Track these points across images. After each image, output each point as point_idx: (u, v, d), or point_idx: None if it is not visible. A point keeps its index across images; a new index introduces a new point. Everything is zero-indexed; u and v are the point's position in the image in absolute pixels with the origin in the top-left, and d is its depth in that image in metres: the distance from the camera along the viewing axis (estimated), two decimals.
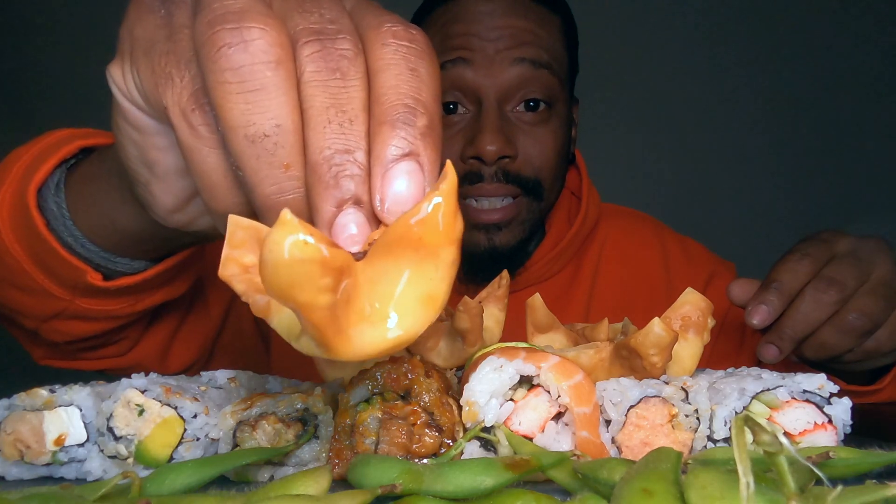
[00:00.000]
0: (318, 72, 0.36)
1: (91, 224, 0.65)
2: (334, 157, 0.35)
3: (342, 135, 0.36)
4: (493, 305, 0.76)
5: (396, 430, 0.59)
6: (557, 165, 1.12)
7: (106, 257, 0.68)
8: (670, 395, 0.58)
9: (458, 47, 1.07)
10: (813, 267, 0.77)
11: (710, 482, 0.36)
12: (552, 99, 1.09)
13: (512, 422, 0.58)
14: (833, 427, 0.57)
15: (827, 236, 0.81)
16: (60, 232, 0.66)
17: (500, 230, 1.08)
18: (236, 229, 0.36)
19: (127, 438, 0.60)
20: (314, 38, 0.37)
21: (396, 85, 0.36)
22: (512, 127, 1.07)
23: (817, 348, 0.77)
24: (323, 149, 0.36)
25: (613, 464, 0.46)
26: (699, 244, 1.29)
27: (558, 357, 0.59)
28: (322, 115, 0.36)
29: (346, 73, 0.36)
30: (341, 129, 0.36)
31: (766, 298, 0.75)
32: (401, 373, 0.59)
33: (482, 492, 0.46)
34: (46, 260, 0.67)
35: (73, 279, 0.68)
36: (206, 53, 0.36)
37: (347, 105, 0.36)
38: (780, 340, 0.76)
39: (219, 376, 0.69)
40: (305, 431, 0.59)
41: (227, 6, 0.36)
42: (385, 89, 0.36)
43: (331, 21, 0.38)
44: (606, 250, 1.23)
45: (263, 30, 0.36)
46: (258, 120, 0.35)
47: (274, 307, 0.37)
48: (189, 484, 0.50)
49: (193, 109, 0.38)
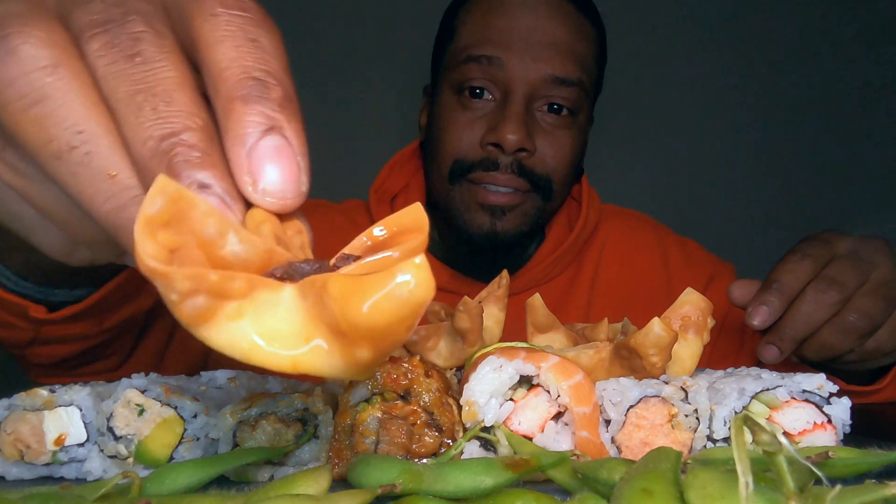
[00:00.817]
0: (113, 63, 0.31)
1: (16, 264, 0.64)
2: (159, 145, 0.30)
3: (159, 119, 0.30)
4: (493, 305, 0.76)
5: (396, 429, 0.59)
6: (569, 172, 1.13)
7: (43, 291, 0.67)
8: (670, 395, 0.58)
9: (496, 43, 1.07)
10: (813, 267, 0.76)
11: (709, 482, 0.36)
12: (576, 108, 1.10)
13: (512, 422, 0.58)
14: (832, 427, 0.57)
15: (827, 236, 0.81)
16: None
17: (504, 215, 1.08)
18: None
19: (127, 438, 0.60)
20: (99, 29, 0.31)
21: (238, 57, 0.31)
22: (534, 123, 1.08)
23: (818, 349, 0.77)
24: (144, 140, 0.30)
25: (613, 464, 0.46)
26: (699, 245, 1.29)
27: (558, 357, 0.59)
28: (130, 104, 0.30)
29: (146, 54, 0.31)
30: (156, 114, 0.30)
31: (767, 299, 0.75)
32: (400, 373, 0.60)
33: (482, 492, 0.46)
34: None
35: (22, 314, 0.68)
36: None
37: (157, 86, 0.31)
38: (780, 341, 0.76)
39: (219, 376, 0.69)
40: (305, 431, 0.59)
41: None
42: (226, 63, 0.31)
43: (115, 4, 0.32)
44: (606, 252, 1.23)
45: (26, 33, 0.31)
46: (55, 133, 0.30)
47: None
48: (189, 484, 0.50)
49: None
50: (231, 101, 0.31)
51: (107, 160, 0.31)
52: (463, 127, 1.09)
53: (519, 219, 1.09)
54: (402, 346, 0.74)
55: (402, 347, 0.74)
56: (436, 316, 0.82)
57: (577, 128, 1.12)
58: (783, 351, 0.76)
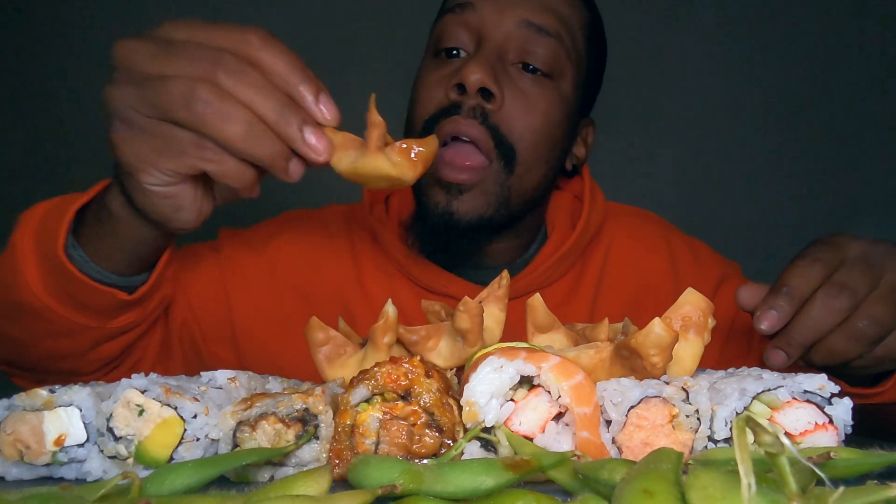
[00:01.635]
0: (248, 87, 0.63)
1: (107, 259, 0.82)
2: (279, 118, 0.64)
3: (282, 107, 0.64)
4: (494, 305, 0.76)
5: (397, 430, 0.58)
6: (539, 144, 1.03)
7: (122, 280, 0.84)
8: (671, 396, 0.58)
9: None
10: (824, 272, 0.75)
11: (710, 483, 0.35)
12: (554, 71, 1.03)
13: (512, 422, 0.58)
14: (834, 427, 0.57)
15: (838, 240, 0.79)
16: (88, 273, 0.81)
17: (461, 193, 0.99)
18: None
19: (127, 439, 0.60)
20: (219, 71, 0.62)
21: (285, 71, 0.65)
22: (506, 76, 1.01)
23: (826, 355, 0.76)
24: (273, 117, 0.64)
25: (614, 464, 0.46)
26: (706, 245, 1.26)
27: (559, 357, 0.59)
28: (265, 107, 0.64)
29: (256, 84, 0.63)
30: (281, 107, 0.64)
31: (776, 303, 0.74)
32: (401, 373, 0.59)
33: (482, 492, 0.46)
34: (81, 298, 0.82)
35: (105, 304, 0.84)
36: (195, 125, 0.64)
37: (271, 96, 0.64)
38: (788, 346, 0.74)
39: (219, 376, 0.69)
40: (305, 432, 0.58)
41: (176, 88, 0.62)
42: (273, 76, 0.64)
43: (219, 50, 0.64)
44: (612, 254, 1.19)
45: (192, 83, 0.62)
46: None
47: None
48: (189, 484, 0.50)
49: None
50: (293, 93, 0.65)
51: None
52: (433, 84, 1.03)
53: (478, 198, 1.00)
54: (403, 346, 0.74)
55: (403, 348, 0.74)
56: (436, 316, 0.82)
57: (557, 96, 1.04)
58: (791, 356, 0.75)
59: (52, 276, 0.81)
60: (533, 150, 1.03)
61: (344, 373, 0.72)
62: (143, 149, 0.65)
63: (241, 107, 0.62)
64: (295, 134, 0.63)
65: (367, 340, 0.74)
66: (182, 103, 0.61)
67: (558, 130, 1.07)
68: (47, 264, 0.80)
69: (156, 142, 0.65)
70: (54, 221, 0.80)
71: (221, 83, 0.61)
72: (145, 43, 0.65)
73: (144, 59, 0.64)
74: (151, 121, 0.64)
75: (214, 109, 0.61)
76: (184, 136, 0.64)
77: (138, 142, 0.66)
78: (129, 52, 0.65)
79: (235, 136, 0.62)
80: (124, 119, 0.65)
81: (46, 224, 0.81)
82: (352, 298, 1.14)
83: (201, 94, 0.61)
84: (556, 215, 1.21)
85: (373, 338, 0.72)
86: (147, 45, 0.64)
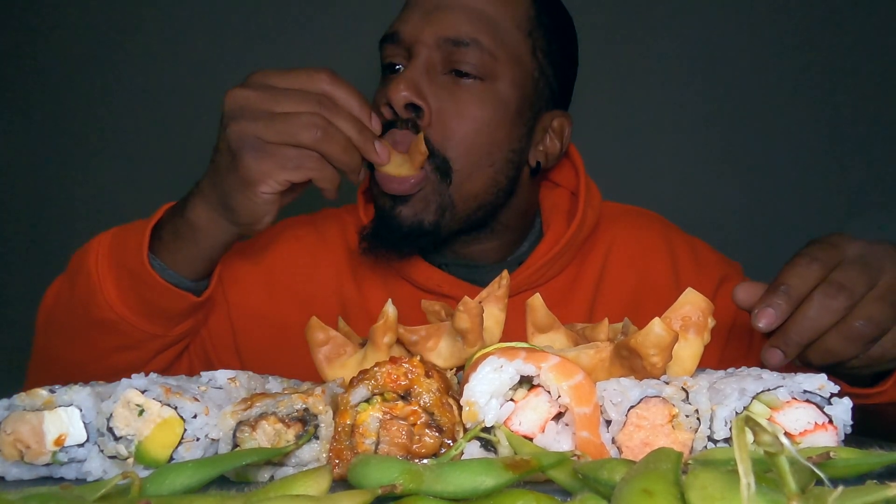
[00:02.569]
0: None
1: (184, 264, 0.96)
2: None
3: (360, 131, 0.90)
4: (494, 305, 0.76)
5: (397, 430, 0.59)
6: (476, 148, 1.05)
7: (192, 284, 0.99)
8: (670, 396, 0.58)
9: (400, 19, 1.08)
10: (822, 272, 0.75)
11: (710, 482, 0.36)
12: (485, 74, 1.04)
13: (512, 422, 0.58)
14: (833, 427, 0.57)
15: (836, 240, 0.79)
16: (166, 278, 0.95)
17: (405, 202, 1.03)
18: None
19: (127, 439, 0.60)
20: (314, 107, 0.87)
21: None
22: (435, 87, 1.04)
23: (823, 354, 0.76)
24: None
25: (614, 464, 0.46)
26: (707, 245, 1.26)
27: (558, 357, 0.59)
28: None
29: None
30: (360, 131, 0.90)
31: (773, 302, 0.74)
32: (401, 373, 0.59)
33: (482, 492, 0.46)
34: (157, 304, 0.96)
35: (176, 309, 0.98)
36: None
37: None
38: (785, 345, 0.75)
39: (219, 376, 0.69)
40: (305, 432, 0.58)
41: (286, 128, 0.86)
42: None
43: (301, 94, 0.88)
44: (614, 253, 1.19)
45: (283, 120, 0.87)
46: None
47: None
48: (189, 484, 0.50)
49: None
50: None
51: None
52: (378, 103, 1.07)
53: (418, 204, 1.03)
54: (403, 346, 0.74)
55: (403, 348, 0.74)
56: (436, 316, 0.82)
57: (492, 99, 1.05)
58: (788, 355, 0.75)
59: (130, 289, 0.95)
60: (467, 157, 1.05)
61: (344, 373, 0.72)
62: (268, 165, 0.86)
63: (339, 132, 0.87)
64: (370, 148, 0.91)
65: (366, 341, 0.74)
66: (305, 132, 0.85)
67: (498, 132, 1.07)
68: (126, 279, 0.95)
69: (279, 160, 0.86)
70: (133, 241, 0.95)
71: (326, 116, 0.86)
72: (251, 91, 0.87)
73: (258, 102, 0.86)
74: (275, 145, 0.86)
75: (325, 135, 0.86)
76: (301, 153, 0.86)
77: (264, 161, 0.86)
78: (241, 98, 0.87)
79: (336, 151, 0.87)
80: (252, 146, 0.86)
81: (125, 244, 0.96)
82: (349, 299, 1.15)
83: (318, 124, 0.85)
84: (553, 213, 1.21)
85: (373, 338, 0.72)
86: (254, 94, 0.87)
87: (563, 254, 1.15)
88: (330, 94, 0.88)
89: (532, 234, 1.22)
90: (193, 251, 0.96)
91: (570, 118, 1.18)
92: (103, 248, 0.97)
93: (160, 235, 0.96)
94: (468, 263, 1.16)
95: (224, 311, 1.14)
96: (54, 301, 1.03)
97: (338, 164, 0.88)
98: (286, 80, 0.88)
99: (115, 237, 0.98)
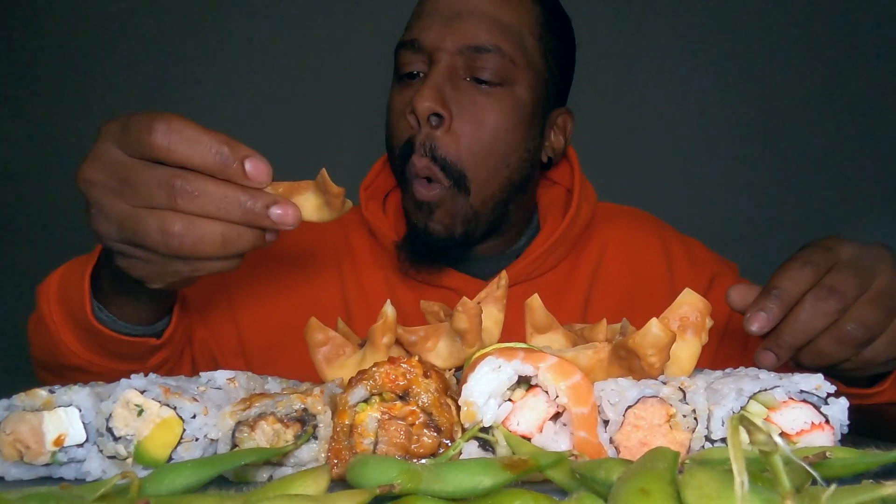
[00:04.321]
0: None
1: (132, 316, 0.90)
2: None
3: (242, 202, 0.68)
4: (492, 306, 0.76)
5: (395, 430, 0.59)
6: (492, 154, 1.07)
7: (150, 328, 0.93)
8: (668, 396, 0.58)
9: (420, 26, 1.08)
10: (814, 275, 0.75)
11: (706, 482, 0.36)
12: (505, 80, 1.07)
13: (510, 422, 0.58)
14: (830, 427, 0.57)
15: (830, 243, 0.80)
16: (120, 330, 0.90)
17: (431, 213, 1.06)
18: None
19: (126, 439, 0.60)
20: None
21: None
22: (457, 94, 1.06)
23: (814, 356, 0.77)
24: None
25: (611, 464, 0.46)
26: (702, 244, 1.27)
27: (556, 357, 0.59)
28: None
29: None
30: (241, 203, 0.68)
31: (766, 305, 0.75)
32: (399, 373, 0.60)
33: (480, 492, 0.46)
34: (118, 351, 0.91)
35: (140, 352, 0.94)
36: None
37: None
38: (777, 348, 0.75)
39: (218, 377, 0.69)
40: (304, 432, 0.59)
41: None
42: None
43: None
44: (608, 253, 1.21)
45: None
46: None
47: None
48: (188, 484, 0.50)
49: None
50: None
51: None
52: (398, 111, 1.09)
53: (446, 218, 1.07)
54: (402, 346, 0.75)
55: (402, 348, 0.74)
56: (435, 317, 0.82)
57: (511, 103, 1.08)
58: (780, 357, 0.76)
59: (88, 338, 0.90)
60: (483, 165, 1.07)
61: (343, 373, 0.72)
62: (145, 272, 0.74)
63: (209, 223, 0.67)
64: (264, 221, 0.68)
65: (366, 341, 0.74)
66: (161, 243, 0.67)
67: (515, 136, 1.09)
68: (81, 329, 0.90)
69: (153, 267, 0.72)
70: (76, 292, 0.88)
71: (184, 209, 0.66)
72: (99, 173, 0.68)
73: (108, 196, 0.69)
74: (141, 251, 0.70)
75: (189, 239, 0.67)
76: (172, 263, 0.71)
77: (139, 267, 0.73)
78: (92, 188, 0.69)
79: (214, 249, 0.68)
80: (119, 251, 0.72)
81: (69, 294, 0.89)
82: (351, 298, 1.16)
83: (173, 230, 0.66)
84: (549, 209, 1.23)
85: (371, 338, 0.72)
86: (103, 178, 0.68)
87: (558, 247, 1.16)
88: (175, 161, 0.66)
89: (529, 229, 1.24)
90: (134, 304, 0.88)
91: (571, 114, 1.21)
92: (53, 295, 0.91)
93: (101, 286, 0.88)
94: (466, 257, 1.17)
95: (229, 315, 1.15)
96: (31, 337, 1.00)
97: (223, 257, 0.70)
98: (126, 147, 0.68)
99: (61, 284, 0.91)
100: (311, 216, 0.70)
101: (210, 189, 0.66)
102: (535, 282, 1.16)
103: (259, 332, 1.14)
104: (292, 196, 0.69)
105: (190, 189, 0.66)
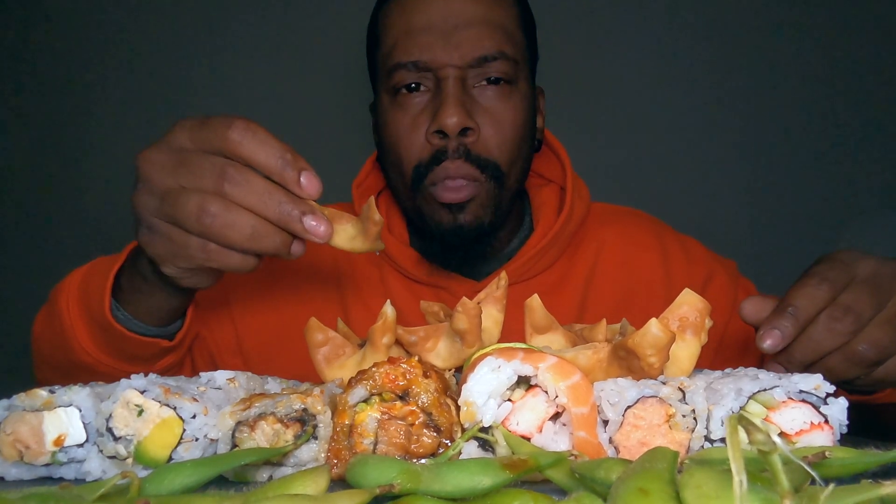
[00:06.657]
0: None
1: (147, 315, 0.93)
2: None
3: (282, 204, 0.72)
4: (492, 306, 0.76)
5: (395, 430, 0.59)
6: (518, 147, 1.11)
7: (162, 330, 0.96)
8: (667, 396, 0.58)
9: (418, 45, 1.08)
10: (830, 293, 0.74)
11: (705, 481, 0.36)
12: (512, 78, 1.10)
13: (510, 422, 0.58)
14: (829, 427, 0.57)
15: (848, 258, 0.78)
16: (134, 329, 0.92)
17: (462, 209, 1.08)
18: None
19: (126, 439, 0.60)
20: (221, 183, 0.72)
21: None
22: (473, 102, 1.08)
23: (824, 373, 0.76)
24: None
25: (610, 463, 0.46)
26: (699, 243, 1.26)
27: (556, 357, 0.59)
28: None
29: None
30: (281, 204, 0.72)
31: (780, 324, 0.73)
32: (399, 373, 0.60)
33: (480, 492, 0.46)
34: (130, 351, 0.94)
35: (150, 353, 0.95)
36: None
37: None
38: (788, 364, 0.74)
39: (217, 377, 0.69)
40: (304, 432, 0.59)
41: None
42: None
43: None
44: (604, 254, 1.21)
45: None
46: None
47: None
48: (188, 484, 0.50)
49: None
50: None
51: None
52: (408, 129, 1.09)
53: (478, 210, 1.09)
54: (402, 346, 0.75)
55: (402, 348, 0.74)
56: (435, 317, 0.82)
57: (518, 97, 1.11)
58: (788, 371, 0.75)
59: (102, 336, 0.92)
60: (510, 157, 1.11)
61: (343, 373, 0.72)
62: (162, 249, 0.77)
63: (245, 213, 0.71)
64: (297, 225, 0.72)
65: (365, 341, 0.74)
66: (194, 217, 0.71)
67: (526, 127, 1.14)
68: (96, 326, 0.92)
69: (172, 245, 0.75)
70: (96, 289, 0.91)
71: (228, 194, 0.71)
72: (161, 154, 0.74)
73: (161, 172, 0.74)
74: (169, 227, 0.74)
75: (221, 221, 0.71)
76: (192, 242, 0.74)
77: (158, 243, 0.76)
78: (148, 164, 0.75)
79: (239, 239, 0.72)
80: (147, 224, 0.76)
81: (89, 291, 0.92)
82: (348, 296, 1.16)
83: (210, 208, 0.71)
84: (542, 208, 1.24)
85: (371, 338, 0.72)
86: (162, 158, 0.74)
87: (553, 245, 1.17)
88: (242, 156, 0.72)
89: (522, 230, 1.24)
90: (152, 304, 0.91)
91: (542, 93, 1.25)
92: (73, 293, 0.94)
93: (121, 284, 0.91)
94: (481, 252, 1.17)
95: (227, 316, 1.15)
96: (39, 334, 1.02)
97: (244, 251, 0.74)
98: (197, 137, 0.74)
99: (83, 281, 0.94)
100: (343, 244, 0.75)
101: (257, 182, 0.71)
102: (531, 282, 1.16)
103: (256, 330, 1.15)
104: (332, 220, 0.74)
105: (239, 178, 0.71)
